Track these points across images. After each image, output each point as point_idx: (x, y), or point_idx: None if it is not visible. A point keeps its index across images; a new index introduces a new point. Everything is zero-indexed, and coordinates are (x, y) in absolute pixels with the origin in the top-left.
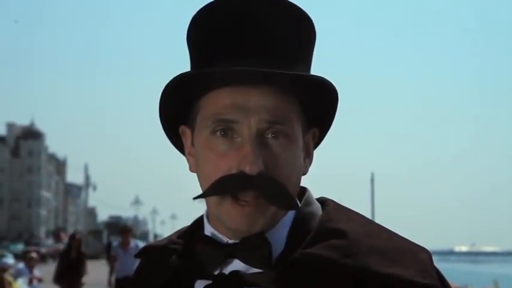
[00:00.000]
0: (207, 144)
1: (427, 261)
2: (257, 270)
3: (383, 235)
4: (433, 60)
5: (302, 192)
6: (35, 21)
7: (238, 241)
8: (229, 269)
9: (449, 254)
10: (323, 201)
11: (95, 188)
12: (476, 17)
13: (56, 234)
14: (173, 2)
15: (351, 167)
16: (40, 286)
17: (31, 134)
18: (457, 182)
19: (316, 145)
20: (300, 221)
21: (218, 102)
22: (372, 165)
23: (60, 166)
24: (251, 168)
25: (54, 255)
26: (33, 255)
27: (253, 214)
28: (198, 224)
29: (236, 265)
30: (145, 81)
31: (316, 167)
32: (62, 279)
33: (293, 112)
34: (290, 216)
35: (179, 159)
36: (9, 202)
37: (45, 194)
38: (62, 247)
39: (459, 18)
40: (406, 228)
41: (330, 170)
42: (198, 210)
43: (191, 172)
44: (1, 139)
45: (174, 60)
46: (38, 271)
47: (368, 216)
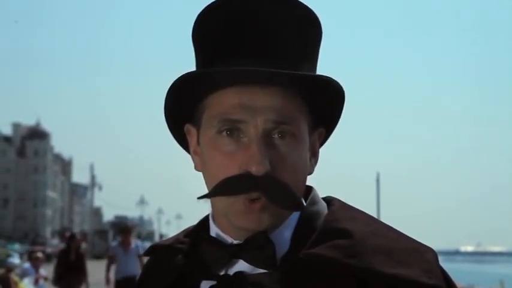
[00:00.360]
0: (213, 143)
1: (433, 261)
2: (262, 270)
3: (388, 234)
4: (435, 60)
5: (308, 191)
6: (39, 21)
7: (242, 241)
8: (234, 270)
9: (455, 254)
10: (329, 200)
11: (101, 188)
12: (476, 17)
13: (62, 234)
14: (178, 0)
15: (357, 167)
16: (46, 285)
17: (37, 134)
18: (463, 182)
19: (321, 144)
20: (305, 221)
21: (224, 101)
22: (378, 165)
23: (65, 166)
24: (257, 168)
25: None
26: (38, 255)
27: (261, 212)
28: (204, 224)
29: (241, 265)
30: (150, 81)
31: (322, 167)
32: (61, 280)
33: (299, 112)
34: (295, 215)
35: (184, 159)
36: (15, 202)
37: (50, 194)
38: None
39: (460, 18)
40: (412, 228)
41: (336, 170)
42: (204, 210)
43: (196, 171)
44: (7, 139)
45: (180, 60)
46: (44, 271)
47: (373, 216)
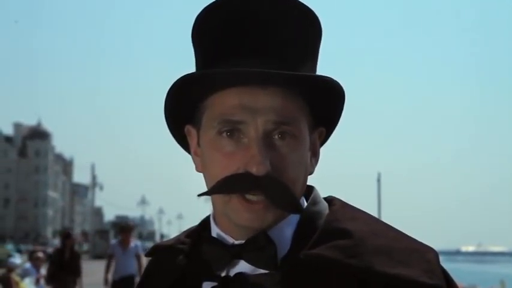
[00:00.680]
0: (214, 144)
1: (434, 261)
2: (263, 270)
3: (389, 234)
4: (435, 60)
5: (309, 191)
6: (41, 21)
7: (243, 242)
8: (235, 270)
9: (456, 254)
10: (330, 200)
11: (102, 188)
12: (476, 17)
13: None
14: (179, 1)
15: (358, 167)
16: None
17: (38, 134)
18: (464, 182)
19: (321, 144)
20: (306, 221)
21: (225, 102)
22: (379, 165)
23: (66, 166)
24: (258, 169)
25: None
26: (39, 254)
27: (262, 210)
28: (205, 225)
29: (242, 266)
30: (151, 81)
31: (323, 167)
32: (54, 279)
33: (300, 112)
34: (296, 215)
35: (185, 159)
36: (16, 202)
37: (51, 194)
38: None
39: (460, 18)
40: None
41: (337, 170)
42: (205, 210)
43: (197, 172)
44: (8, 139)
45: (181, 60)
46: (45, 271)
47: (374, 216)
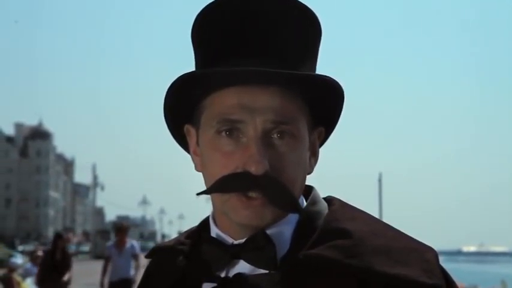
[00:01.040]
0: (213, 144)
1: (433, 260)
2: (262, 270)
3: (388, 234)
4: (436, 60)
5: (308, 190)
6: (42, 21)
7: (243, 242)
8: (235, 270)
9: (457, 254)
10: (329, 200)
11: (103, 188)
12: (476, 17)
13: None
14: (180, 1)
15: (359, 167)
16: None
17: (39, 134)
18: (465, 182)
19: (321, 144)
20: (306, 220)
21: (224, 102)
22: (380, 165)
23: (68, 166)
24: (257, 168)
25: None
26: (40, 254)
27: (260, 207)
28: (205, 225)
29: (242, 266)
30: (152, 81)
31: (324, 167)
32: (46, 281)
33: (299, 112)
34: (295, 215)
35: (186, 159)
36: (17, 202)
37: (53, 194)
38: (69, 247)
39: (460, 18)
40: (414, 228)
41: (338, 170)
42: (206, 210)
43: (197, 171)
44: (9, 139)
45: (183, 60)
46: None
47: (375, 216)
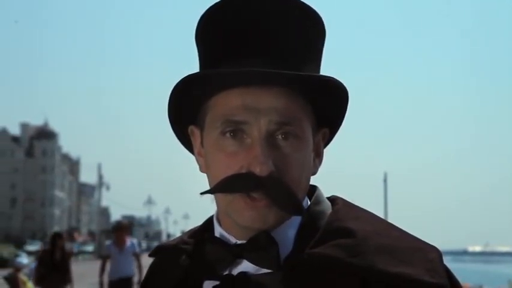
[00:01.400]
0: (217, 145)
1: (437, 260)
2: (265, 270)
3: (392, 233)
4: (437, 60)
5: (312, 190)
6: (47, 20)
7: (246, 241)
8: (238, 270)
9: (462, 254)
10: (333, 199)
11: (108, 188)
12: (476, 17)
13: (70, 233)
14: (184, 1)
15: (364, 167)
16: None
17: (45, 134)
18: (471, 182)
19: (325, 145)
20: (309, 220)
21: (228, 103)
22: (385, 165)
23: (73, 166)
24: (261, 169)
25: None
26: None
27: (263, 209)
28: (209, 225)
29: (245, 266)
30: (158, 81)
31: (329, 167)
32: (44, 281)
33: (303, 112)
34: (299, 216)
35: (191, 159)
36: (23, 202)
37: (58, 194)
38: (73, 246)
39: (460, 18)
40: (420, 228)
41: (343, 170)
42: (211, 210)
43: (201, 172)
44: (15, 139)
45: (189, 61)
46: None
47: (381, 216)
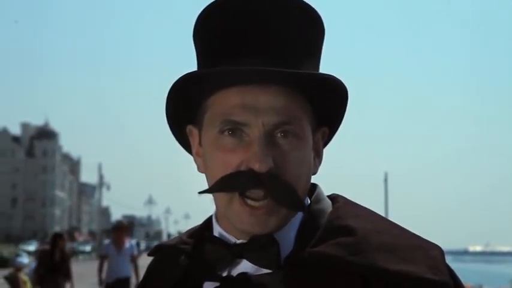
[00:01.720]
0: (215, 143)
1: (438, 257)
2: (266, 270)
3: (393, 231)
4: (438, 59)
5: (312, 189)
6: (47, 20)
7: (246, 241)
8: (238, 270)
9: (463, 254)
10: (333, 197)
11: (109, 188)
12: (476, 17)
13: (70, 233)
14: (184, 1)
15: (364, 167)
16: None
17: (45, 134)
18: (471, 181)
19: (325, 144)
20: (309, 219)
21: (226, 102)
22: (385, 164)
23: (74, 166)
24: (260, 166)
25: (68, 254)
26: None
27: (264, 216)
28: (208, 224)
29: (245, 265)
30: (159, 81)
31: (329, 167)
32: (44, 282)
33: (302, 111)
34: (299, 214)
35: (191, 159)
36: (23, 202)
37: (59, 194)
38: (75, 246)
39: (460, 18)
40: (420, 227)
41: (343, 170)
42: (211, 210)
43: (200, 173)
44: (16, 139)
45: (191, 60)
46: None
47: (379, 214)
